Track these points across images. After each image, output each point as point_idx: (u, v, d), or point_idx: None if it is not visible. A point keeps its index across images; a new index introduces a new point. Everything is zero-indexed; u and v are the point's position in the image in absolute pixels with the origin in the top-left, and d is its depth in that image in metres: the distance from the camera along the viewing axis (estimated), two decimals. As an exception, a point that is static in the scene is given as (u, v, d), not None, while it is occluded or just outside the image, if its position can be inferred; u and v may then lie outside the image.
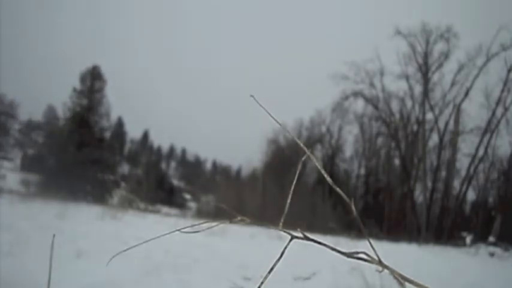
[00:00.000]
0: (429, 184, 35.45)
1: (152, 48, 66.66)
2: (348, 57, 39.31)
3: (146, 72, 67.56)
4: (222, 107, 69.45)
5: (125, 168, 53.96)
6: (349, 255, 0.74)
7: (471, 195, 35.50)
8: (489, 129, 32.07)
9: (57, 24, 56.69)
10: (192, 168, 73.79)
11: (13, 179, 34.44)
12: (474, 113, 32.98)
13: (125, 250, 0.79)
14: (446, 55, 34.45)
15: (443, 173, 35.80)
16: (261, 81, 56.36)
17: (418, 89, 35.89)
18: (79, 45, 56.52)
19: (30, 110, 52.58)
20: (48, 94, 53.21)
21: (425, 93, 34.90)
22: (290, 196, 0.82)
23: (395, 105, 37.76)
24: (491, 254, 18.07)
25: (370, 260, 0.72)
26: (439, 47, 34.71)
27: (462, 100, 33.60)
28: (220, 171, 63.50)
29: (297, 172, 0.92)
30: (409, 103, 36.96)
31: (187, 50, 69.40)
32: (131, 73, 61.92)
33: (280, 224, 0.76)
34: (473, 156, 32.83)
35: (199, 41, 66.28)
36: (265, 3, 55.43)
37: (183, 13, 62.93)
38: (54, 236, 0.91)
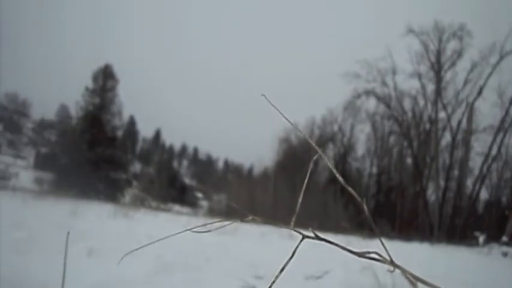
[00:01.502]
0: (442, 183, 35.29)
1: (165, 48, 67.00)
2: (359, 55, 39.24)
3: (158, 72, 67.89)
4: (234, 106, 69.62)
5: (136, 167, 54.34)
6: (361, 254, 0.73)
7: (484, 195, 35.33)
8: (502, 127, 31.84)
9: (70, 24, 57.18)
10: (203, 166, 74.04)
11: (26, 177, 34.82)
12: (487, 111, 32.81)
13: (137, 249, 0.79)
14: (459, 53, 34.28)
15: (456, 172, 35.64)
16: (272, 80, 56.40)
17: (430, 87, 35.79)
18: (91, 45, 56.94)
19: (43, 109, 53.16)
20: (60, 93, 53.62)
21: (438, 91, 34.69)
22: (301, 195, 0.82)
23: (407, 104, 37.70)
24: (505, 254, 17.87)
25: (381, 260, 0.72)
26: (451, 45, 34.58)
27: (475, 99, 33.42)
28: (232, 170, 63.64)
29: (309, 171, 0.92)
30: (421, 102, 36.89)
31: (200, 50, 69.63)
32: (143, 72, 62.25)
33: (292, 223, 0.76)
34: (487, 155, 32.62)
35: (212, 41, 66.67)
36: (278, 2, 55.37)
37: (198, 13, 63.16)
38: (68, 233, 0.92)
